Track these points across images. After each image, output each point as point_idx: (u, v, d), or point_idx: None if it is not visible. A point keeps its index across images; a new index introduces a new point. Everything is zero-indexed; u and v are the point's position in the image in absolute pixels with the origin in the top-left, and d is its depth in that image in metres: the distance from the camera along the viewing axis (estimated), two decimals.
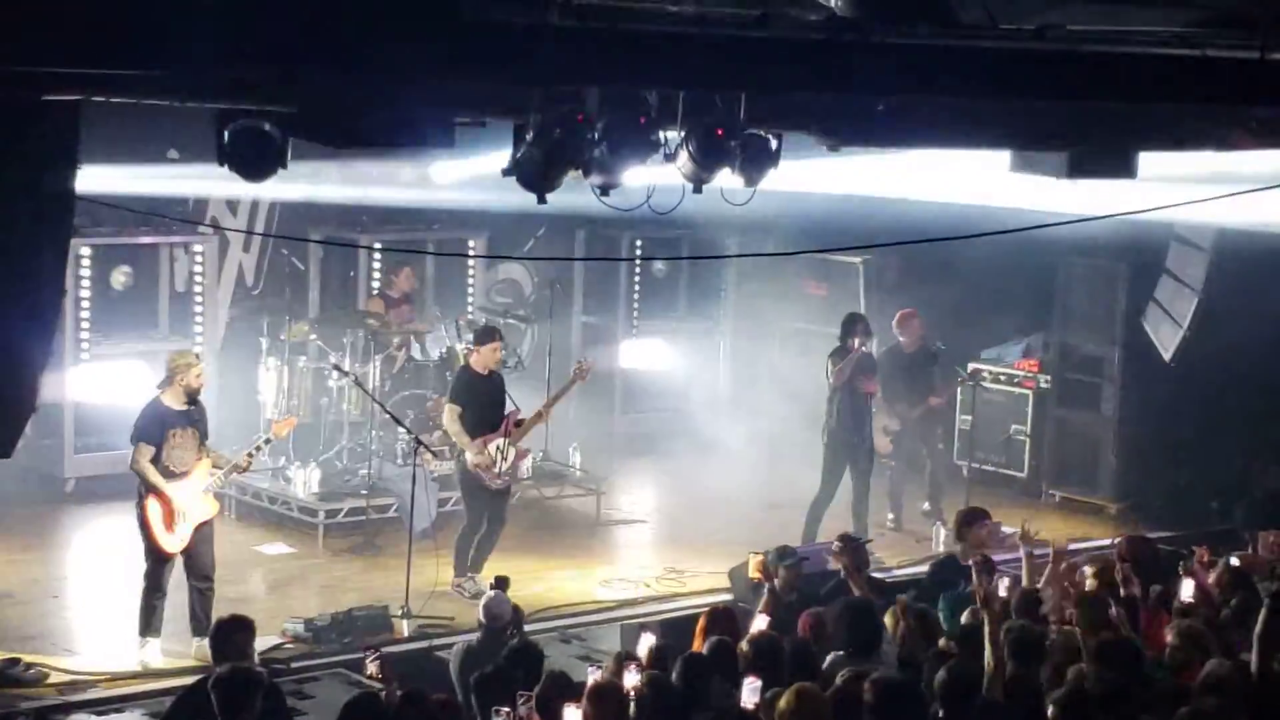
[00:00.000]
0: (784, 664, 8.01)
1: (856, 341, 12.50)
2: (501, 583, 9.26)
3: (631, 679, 7.54)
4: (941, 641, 8.36)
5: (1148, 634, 8.67)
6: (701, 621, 8.69)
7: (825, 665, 8.20)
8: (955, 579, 9.74)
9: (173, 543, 9.93)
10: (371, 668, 7.96)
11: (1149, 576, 9.44)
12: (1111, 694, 7.15)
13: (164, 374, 10.25)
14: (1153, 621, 8.91)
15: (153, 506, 9.89)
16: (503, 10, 6.88)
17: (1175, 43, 8.14)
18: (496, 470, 11.37)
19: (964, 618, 8.46)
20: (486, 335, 11.64)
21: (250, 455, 10.47)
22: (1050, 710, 7.07)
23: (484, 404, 11.47)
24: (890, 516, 13.39)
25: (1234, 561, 9.64)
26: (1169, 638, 8.20)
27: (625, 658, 8.11)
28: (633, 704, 7.38)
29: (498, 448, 11.41)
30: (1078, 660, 7.75)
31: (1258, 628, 7.74)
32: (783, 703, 7.12)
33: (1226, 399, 13.56)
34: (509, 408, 11.63)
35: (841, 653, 8.32)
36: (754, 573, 9.80)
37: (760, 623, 8.89)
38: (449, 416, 11.44)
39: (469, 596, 10.93)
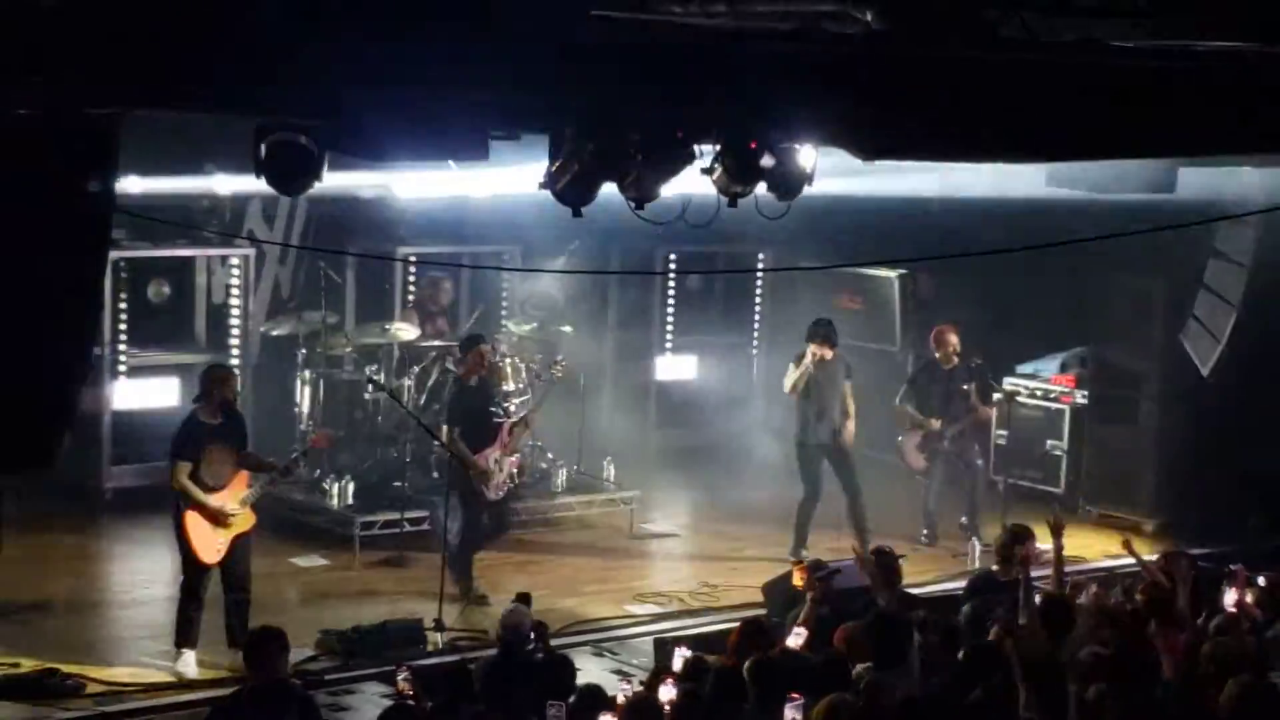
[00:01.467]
0: (816, 678, 7.99)
1: (811, 350, 12.67)
2: (523, 598, 9.26)
3: (667, 693, 7.53)
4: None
5: (1174, 651, 8.60)
6: (734, 635, 8.67)
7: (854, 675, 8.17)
8: (992, 595, 9.70)
9: (210, 554, 9.96)
10: (402, 683, 7.97)
11: (1195, 595, 9.38)
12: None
13: (199, 388, 10.29)
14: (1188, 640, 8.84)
15: (191, 518, 9.93)
16: (537, 24, 6.89)
17: (1214, 58, 8.08)
18: (495, 482, 11.56)
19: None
20: (470, 342, 11.89)
21: (288, 467, 10.51)
22: None
23: (479, 416, 11.70)
24: (924, 532, 13.33)
25: (1261, 581, 9.56)
26: (1205, 651, 8.14)
27: (660, 672, 8.09)
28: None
29: (495, 459, 11.59)
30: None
31: None
32: (815, 715, 7.11)
33: (1264, 414, 13.46)
34: (499, 417, 11.85)
35: (870, 664, 8.29)
36: (798, 580, 9.74)
37: (797, 637, 8.86)
38: (448, 439, 11.52)
39: (474, 602, 11.17)
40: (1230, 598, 9.30)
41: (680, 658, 8.23)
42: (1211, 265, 13.64)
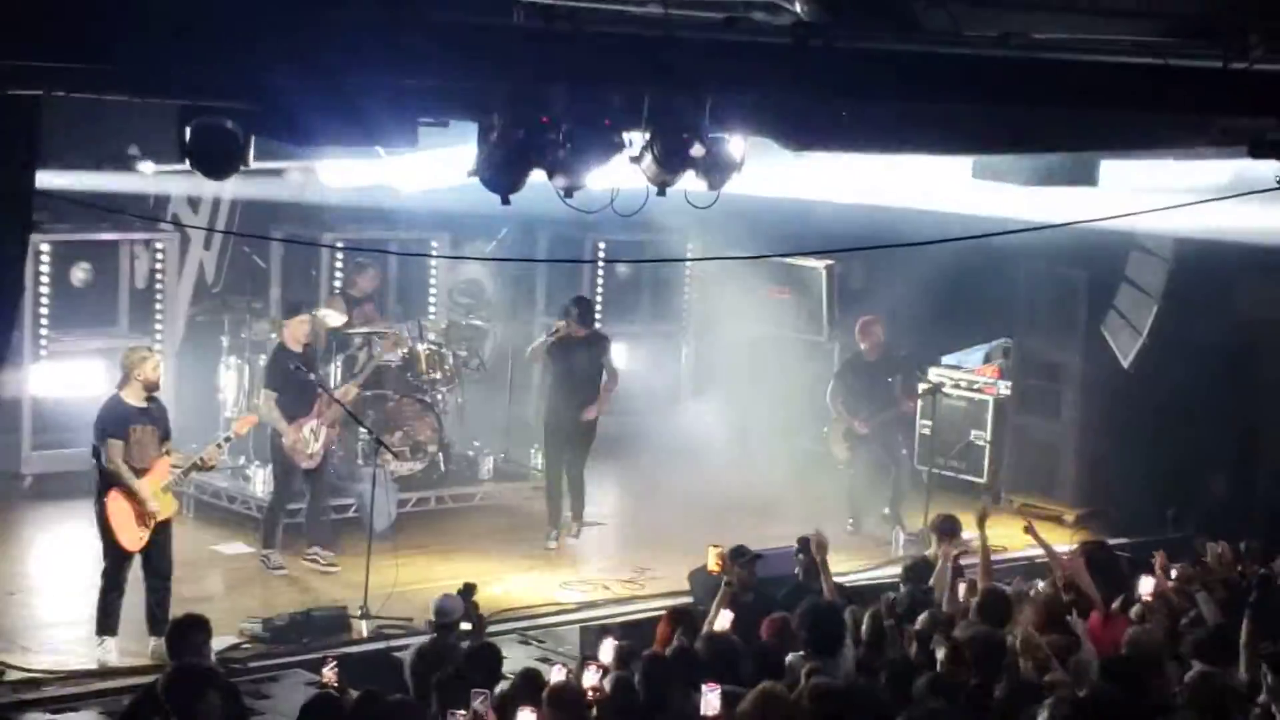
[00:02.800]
0: (741, 665, 8.02)
1: (557, 325, 12.67)
2: (469, 589, 9.25)
3: (590, 679, 7.54)
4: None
5: (1103, 640, 8.71)
6: (662, 624, 8.69)
7: (787, 664, 8.21)
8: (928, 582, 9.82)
9: (132, 541, 9.87)
10: (329, 674, 7.95)
11: (1108, 582, 9.50)
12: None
13: (120, 372, 10.19)
14: (1109, 627, 8.96)
15: (114, 504, 9.83)
16: (466, 10, 6.87)
17: (1138, 52, 8.18)
18: (309, 451, 11.70)
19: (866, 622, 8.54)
20: (293, 309, 12.06)
21: (210, 453, 10.43)
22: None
23: (298, 385, 11.77)
24: (850, 521, 13.42)
25: (1173, 573, 9.70)
26: (1124, 644, 8.25)
27: (585, 660, 8.10)
28: (594, 706, 7.36)
29: (311, 429, 11.70)
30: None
31: (1243, 638, 7.78)
32: (747, 704, 7.11)
33: (1184, 407, 13.64)
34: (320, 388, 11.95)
35: (801, 653, 8.32)
36: (713, 565, 9.75)
37: (724, 619, 8.88)
38: (265, 403, 11.79)
39: (271, 568, 11.47)
40: (1147, 586, 9.42)
41: (608, 647, 8.23)
42: (1133, 258, 13.80)
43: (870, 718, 7.39)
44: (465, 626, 9.01)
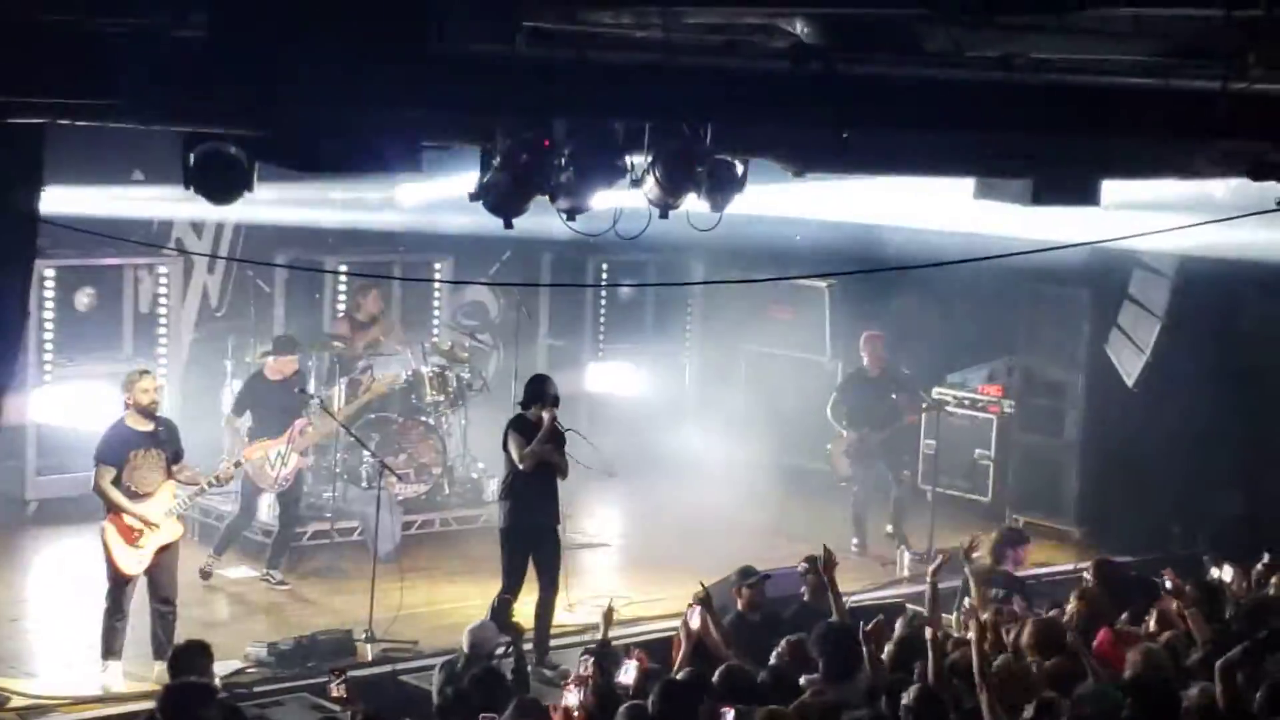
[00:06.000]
0: (756, 688, 8.00)
1: (545, 415, 10.55)
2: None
3: (573, 698, 7.55)
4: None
5: (1114, 657, 8.70)
6: (677, 648, 8.67)
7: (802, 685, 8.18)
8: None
9: (132, 564, 9.87)
10: (336, 690, 7.95)
11: (1119, 600, 9.50)
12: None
13: (121, 395, 10.20)
14: (1119, 645, 8.95)
15: (111, 528, 9.83)
16: (470, 38, 6.89)
17: (1139, 73, 8.20)
18: (274, 475, 11.85)
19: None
20: (287, 346, 12.26)
21: (225, 470, 10.45)
22: None
23: (273, 409, 11.97)
24: (855, 540, 13.41)
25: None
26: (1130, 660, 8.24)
27: (567, 678, 8.11)
28: None
29: (278, 453, 11.85)
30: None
31: (1221, 662, 7.77)
32: None
33: (1188, 424, 13.64)
34: (300, 418, 12.07)
35: (817, 675, 8.29)
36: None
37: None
38: (226, 426, 12.14)
39: (205, 578, 11.71)
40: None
41: (629, 671, 8.18)
42: (1136, 276, 13.82)
43: None
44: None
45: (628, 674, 8.13)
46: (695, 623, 8.80)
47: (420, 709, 8.69)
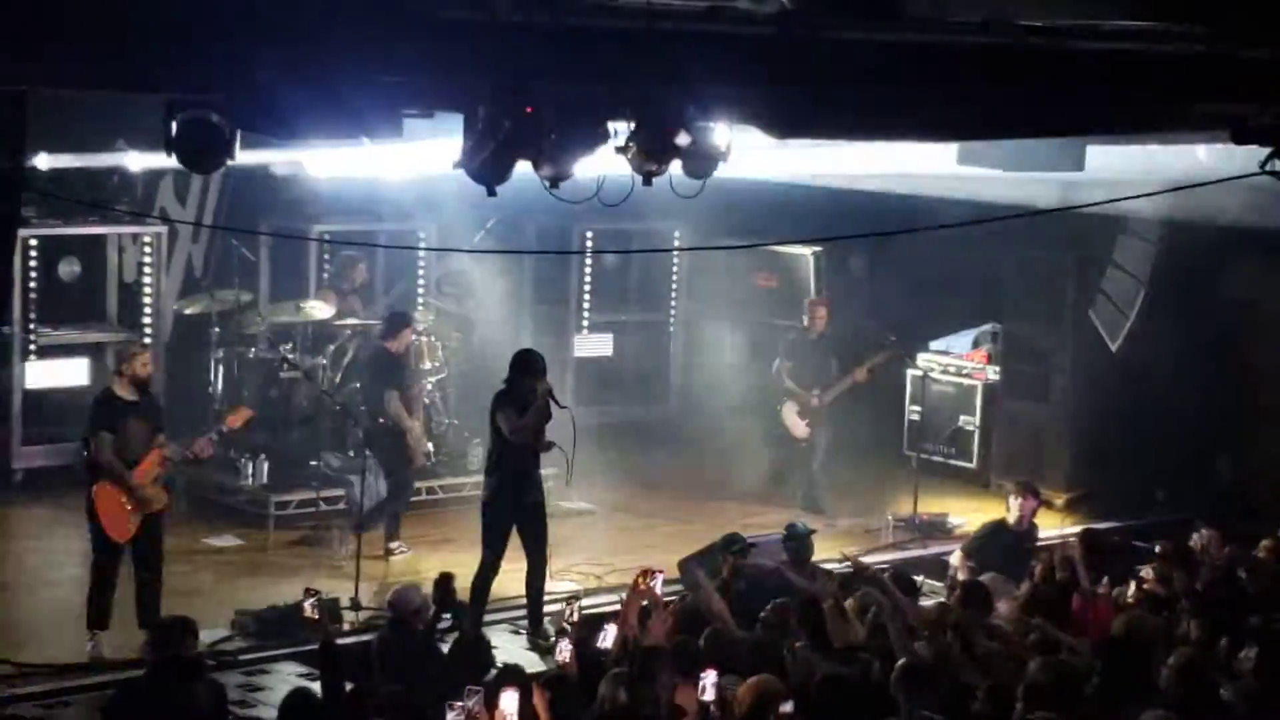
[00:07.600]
0: (738, 654, 8.05)
1: (540, 388, 10.35)
2: (446, 578, 9.25)
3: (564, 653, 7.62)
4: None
5: (1086, 623, 8.76)
6: (668, 619, 8.69)
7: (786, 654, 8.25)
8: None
9: (120, 532, 9.87)
10: (310, 610, 8.01)
11: (1106, 568, 9.55)
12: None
13: (113, 365, 10.20)
14: (1093, 610, 9.01)
15: (102, 496, 9.83)
16: (449, 3, 6.87)
17: (1121, 37, 8.20)
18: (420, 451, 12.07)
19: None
20: (402, 321, 12.28)
21: (201, 445, 10.44)
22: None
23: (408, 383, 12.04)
24: (804, 497, 13.41)
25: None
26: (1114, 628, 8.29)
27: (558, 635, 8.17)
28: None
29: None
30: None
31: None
32: (742, 692, 7.18)
33: (1173, 389, 13.68)
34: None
35: (800, 643, 8.34)
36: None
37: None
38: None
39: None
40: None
41: (609, 636, 8.22)
42: (1120, 241, 13.84)
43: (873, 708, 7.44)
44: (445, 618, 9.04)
45: (606, 639, 8.17)
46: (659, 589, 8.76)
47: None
